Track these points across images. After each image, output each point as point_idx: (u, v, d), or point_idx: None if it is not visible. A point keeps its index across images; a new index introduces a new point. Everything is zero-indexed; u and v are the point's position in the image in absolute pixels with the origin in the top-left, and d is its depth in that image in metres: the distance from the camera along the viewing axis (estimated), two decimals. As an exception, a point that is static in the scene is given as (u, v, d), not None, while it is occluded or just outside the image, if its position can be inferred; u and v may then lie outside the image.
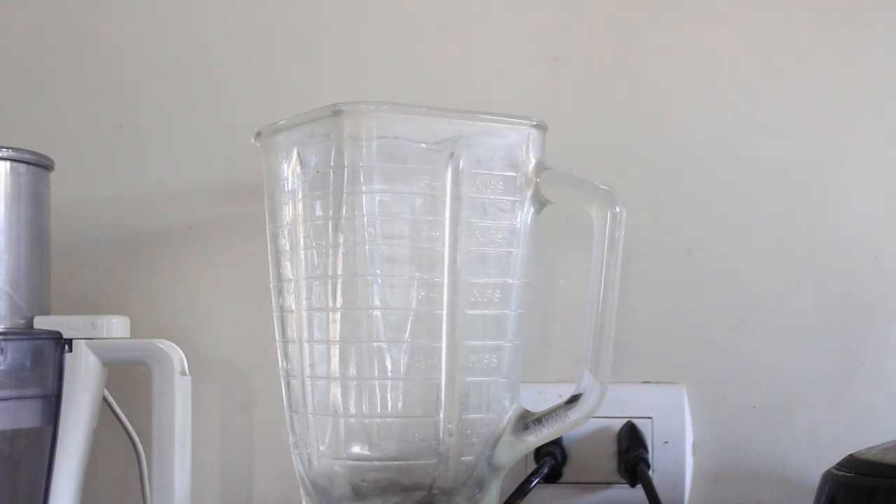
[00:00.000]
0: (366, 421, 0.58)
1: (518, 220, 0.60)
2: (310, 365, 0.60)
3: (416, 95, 0.77)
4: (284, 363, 0.62)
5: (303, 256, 0.60)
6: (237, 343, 0.77)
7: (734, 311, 0.76)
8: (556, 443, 0.72)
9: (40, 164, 0.66)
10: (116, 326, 0.65)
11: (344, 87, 0.78)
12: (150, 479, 0.66)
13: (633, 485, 0.71)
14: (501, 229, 0.59)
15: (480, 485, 0.60)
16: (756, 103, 0.76)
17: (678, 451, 0.73)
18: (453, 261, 0.58)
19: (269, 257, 0.63)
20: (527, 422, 0.60)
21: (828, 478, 0.59)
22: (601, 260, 0.57)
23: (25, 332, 0.63)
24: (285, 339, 0.62)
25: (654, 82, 0.77)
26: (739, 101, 0.76)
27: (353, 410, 0.58)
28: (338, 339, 0.58)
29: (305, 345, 0.60)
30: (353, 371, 0.58)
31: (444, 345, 0.58)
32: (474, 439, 0.59)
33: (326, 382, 0.59)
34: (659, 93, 0.77)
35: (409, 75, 0.78)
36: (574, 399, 0.58)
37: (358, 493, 0.59)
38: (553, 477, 0.72)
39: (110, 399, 0.71)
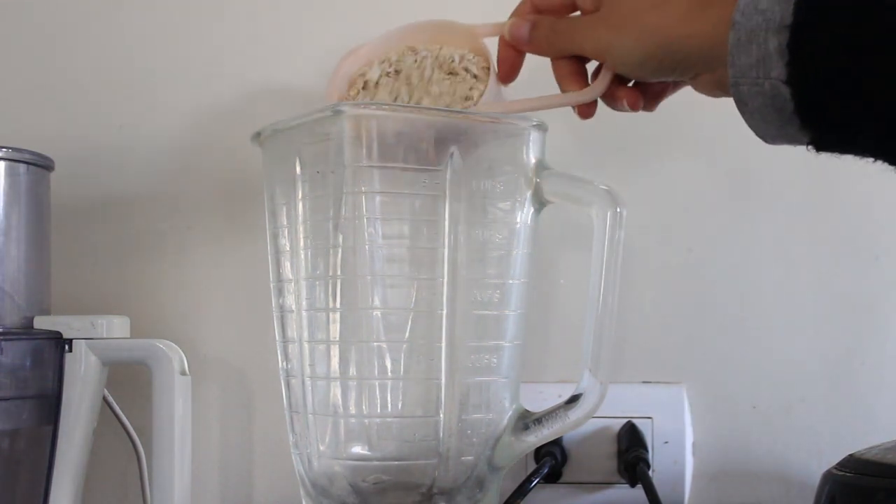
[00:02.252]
0: (366, 421, 0.58)
1: (518, 220, 0.60)
2: (310, 365, 0.59)
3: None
4: (284, 363, 0.62)
5: (303, 256, 0.60)
6: (237, 343, 0.77)
7: (734, 311, 0.75)
8: (556, 443, 0.72)
9: (40, 164, 0.66)
10: (116, 326, 0.65)
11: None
12: (150, 479, 0.66)
13: (633, 485, 0.71)
14: (501, 229, 0.59)
15: (480, 485, 0.60)
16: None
17: (678, 451, 0.73)
18: (453, 261, 0.58)
19: (269, 257, 0.63)
20: (527, 422, 0.60)
21: (828, 478, 0.59)
22: (601, 260, 0.57)
23: (25, 332, 0.63)
24: (285, 339, 0.62)
25: (654, 82, 0.76)
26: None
27: (352, 410, 0.58)
28: (338, 339, 0.58)
29: (305, 345, 0.60)
30: (352, 371, 0.58)
31: (444, 345, 0.58)
32: (474, 439, 0.59)
33: (326, 382, 0.59)
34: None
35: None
36: (574, 399, 0.58)
37: (358, 493, 0.59)
38: (553, 477, 0.72)
39: (110, 399, 0.71)
